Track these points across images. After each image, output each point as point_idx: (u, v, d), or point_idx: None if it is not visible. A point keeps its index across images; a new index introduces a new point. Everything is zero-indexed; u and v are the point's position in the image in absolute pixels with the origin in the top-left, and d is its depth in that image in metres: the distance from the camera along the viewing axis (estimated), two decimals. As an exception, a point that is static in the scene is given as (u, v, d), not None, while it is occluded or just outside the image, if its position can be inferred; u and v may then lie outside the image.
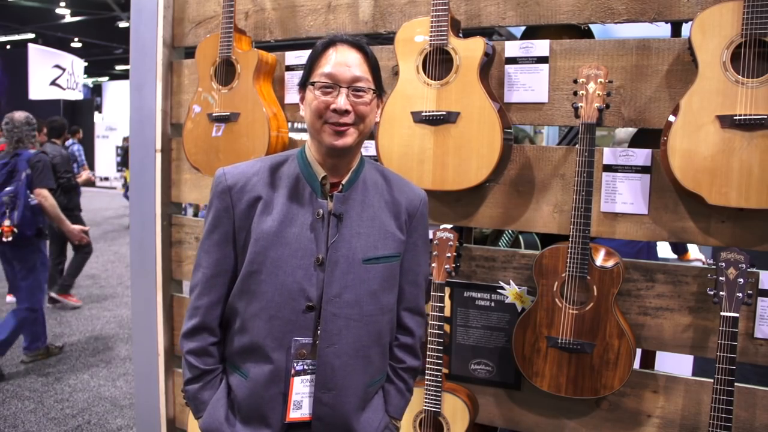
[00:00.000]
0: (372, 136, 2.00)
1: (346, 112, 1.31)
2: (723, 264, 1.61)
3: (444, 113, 1.85)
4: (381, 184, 1.45)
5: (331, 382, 1.36)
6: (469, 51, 1.84)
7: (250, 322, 1.36)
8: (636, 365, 1.86)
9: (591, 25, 2.05)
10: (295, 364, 1.35)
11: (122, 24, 16.52)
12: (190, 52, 2.52)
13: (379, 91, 1.39)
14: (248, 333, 1.36)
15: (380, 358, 1.46)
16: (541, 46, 1.90)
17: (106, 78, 25.30)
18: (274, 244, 1.33)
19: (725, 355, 1.57)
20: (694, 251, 3.58)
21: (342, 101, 1.31)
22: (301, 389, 1.36)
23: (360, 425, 1.41)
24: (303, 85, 1.38)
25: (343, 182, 1.39)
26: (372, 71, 1.37)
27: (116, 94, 20.12)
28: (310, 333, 1.35)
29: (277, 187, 1.38)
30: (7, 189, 4.19)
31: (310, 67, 1.37)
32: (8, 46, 21.06)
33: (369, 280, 1.38)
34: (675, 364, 2.49)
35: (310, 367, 1.36)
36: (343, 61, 1.32)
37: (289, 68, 2.30)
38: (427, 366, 1.93)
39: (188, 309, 1.42)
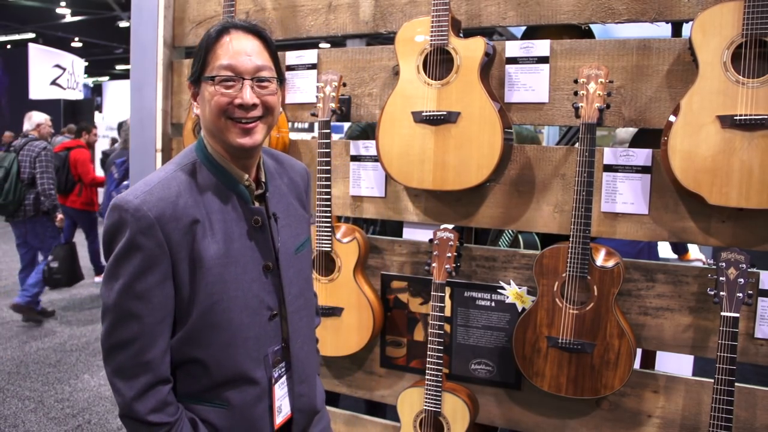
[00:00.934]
0: (373, 136, 2.00)
1: (253, 107, 1.20)
2: (723, 264, 1.61)
3: (444, 113, 1.85)
4: (277, 168, 1.40)
5: (304, 374, 1.38)
6: (469, 51, 1.84)
7: (223, 354, 1.24)
8: (636, 365, 1.86)
9: (591, 25, 2.05)
10: (274, 374, 1.32)
11: (123, 24, 16.52)
12: (190, 52, 2.51)
13: (282, 79, 1.27)
14: (221, 366, 1.24)
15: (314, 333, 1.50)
16: (541, 46, 1.90)
17: (107, 78, 25.30)
18: (226, 266, 1.22)
19: (726, 355, 1.57)
20: (694, 251, 3.57)
21: (248, 95, 1.18)
22: (280, 394, 1.34)
23: (319, 403, 1.47)
24: (196, 80, 1.23)
25: (263, 180, 1.32)
26: (272, 58, 1.25)
27: (116, 93, 20.09)
28: (279, 339, 1.33)
29: (205, 203, 1.22)
30: (125, 183, 4.68)
31: (203, 60, 1.21)
32: (8, 46, 21.07)
33: (303, 268, 1.39)
34: (675, 364, 2.49)
35: (283, 368, 1.35)
36: (242, 50, 1.19)
37: (289, 68, 2.30)
38: (427, 366, 1.93)
39: (124, 368, 1.18)
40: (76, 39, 19.08)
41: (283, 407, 1.35)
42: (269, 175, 1.35)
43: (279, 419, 1.33)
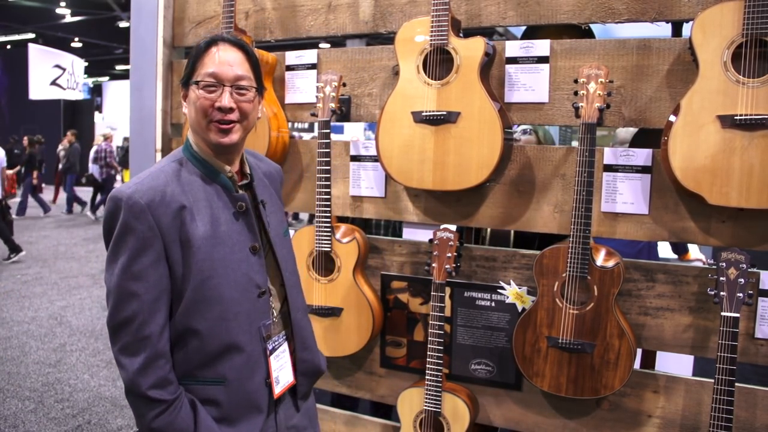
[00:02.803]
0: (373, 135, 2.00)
1: (230, 110, 1.35)
2: (723, 264, 1.61)
3: (444, 113, 1.85)
4: (258, 164, 1.57)
5: (306, 342, 1.54)
6: (469, 51, 1.83)
7: (217, 327, 1.35)
8: (636, 365, 1.85)
9: (591, 25, 2.05)
10: (268, 346, 1.44)
11: (122, 24, 16.52)
12: (190, 52, 2.52)
13: (260, 89, 1.43)
14: (216, 337, 1.35)
15: None
16: (541, 46, 1.90)
17: (107, 78, 25.31)
18: (215, 246, 1.35)
19: (726, 355, 1.57)
20: (694, 251, 3.57)
21: (226, 99, 1.34)
22: (276, 365, 1.45)
23: (323, 364, 1.62)
24: (186, 84, 1.39)
25: (248, 171, 1.47)
26: (253, 70, 1.40)
27: (116, 93, 20.11)
28: (268, 314, 1.45)
29: (191, 192, 1.36)
30: None
31: (192, 67, 1.37)
32: (8, 46, 21.07)
33: (291, 250, 1.58)
34: (675, 364, 2.49)
35: (280, 340, 1.48)
36: (226, 61, 1.35)
37: (289, 68, 2.30)
38: (427, 366, 1.93)
39: (127, 345, 1.29)
40: (76, 39, 19.09)
41: (281, 377, 1.47)
42: (252, 168, 1.51)
43: (278, 390, 1.46)
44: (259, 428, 1.41)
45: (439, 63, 1.88)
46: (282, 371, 1.47)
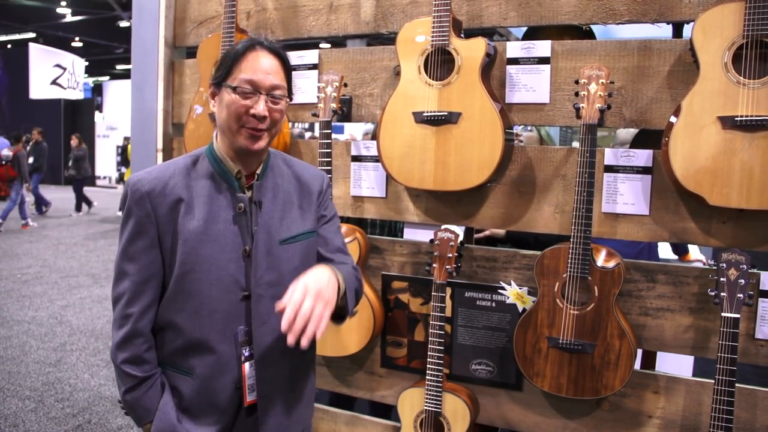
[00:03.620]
0: (374, 136, 2.00)
1: (264, 118, 1.36)
2: (724, 265, 1.61)
3: (445, 113, 1.85)
4: (287, 171, 1.54)
5: (268, 358, 1.44)
6: (470, 51, 1.84)
7: (191, 320, 1.39)
8: (637, 366, 1.86)
9: (592, 26, 2.05)
10: (244, 351, 1.42)
11: (123, 23, 16.53)
12: (191, 52, 2.52)
13: (291, 96, 1.45)
14: (189, 331, 1.39)
15: None
16: (542, 47, 1.90)
17: (107, 77, 25.31)
18: (203, 242, 1.37)
19: (726, 355, 1.57)
20: (694, 252, 3.57)
21: (261, 107, 1.35)
22: (251, 374, 1.44)
23: (295, 401, 1.53)
24: (219, 84, 1.39)
25: (257, 172, 1.45)
26: (287, 78, 1.42)
27: (117, 93, 20.11)
28: (251, 320, 1.43)
29: (195, 187, 1.40)
30: None
31: (229, 69, 1.37)
32: (9, 46, 21.07)
33: (290, 259, 1.46)
34: (676, 364, 2.49)
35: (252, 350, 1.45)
36: (264, 68, 1.36)
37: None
38: (428, 366, 1.94)
39: (116, 319, 1.40)
40: (77, 39, 19.09)
41: (256, 387, 1.45)
42: (270, 173, 1.48)
43: (250, 397, 1.44)
44: (218, 429, 1.42)
45: (440, 63, 1.88)
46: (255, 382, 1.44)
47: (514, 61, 1.93)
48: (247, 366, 1.43)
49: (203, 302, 1.38)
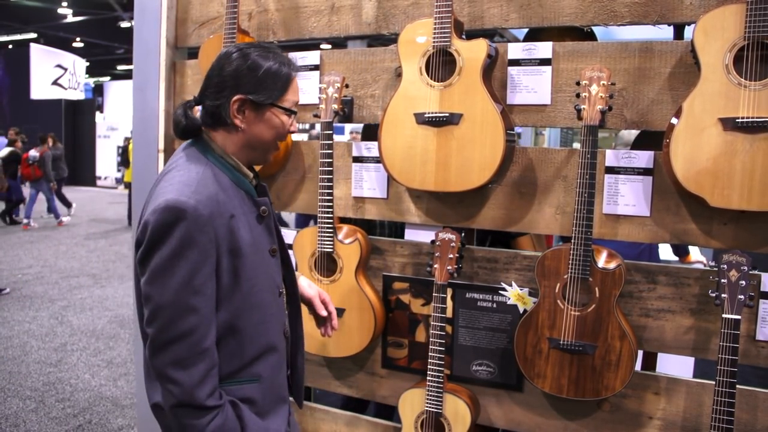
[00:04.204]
0: (375, 137, 2.01)
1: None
2: (725, 266, 1.61)
3: (447, 115, 1.85)
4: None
5: (295, 343, 1.61)
6: (472, 53, 1.84)
7: (257, 329, 1.41)
8: (637, 367, 1.86)
9: (594, 28, 2.05)
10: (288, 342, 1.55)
11: (124, 24, 16.53)
12: (193, 53, 2.52)
13: None
14: (257, 340, 1.41)
15: None
16: (543, 48, 1.90)
17: (108, 78, 25.33)
18: (255, 253, 1.39)
19: (727, 357, 1.57)
20: (695, 253, 3.57)
21: (295, 124, 1.49)
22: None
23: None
24: (263, 104, 1.38)
25: (253, 175, 1.50)
26: None
27: (118, 94, 20.12)
28: (285, 312, 1.55)
29: (231, 198, 1.37)
30: None
31: (280, 92, 1.39)
32: (10, 46, 21.09)
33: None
34: (676, 366, 2.49)
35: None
36: (299, 89, 1.47)
37: (292, 69, 2.30)
38: (428, 367, 1.94)
39: (181, 359, 1.26)
40: (78, 39, 19.10)
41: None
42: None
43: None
44: (287, 417, 1.51)
45: (441, 65, 1.88)
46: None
47: (516, 62, 1.94)
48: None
49: (266, 310, 1.42)
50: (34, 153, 10.59)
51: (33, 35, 18.77)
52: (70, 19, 16.76)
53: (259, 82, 1.37)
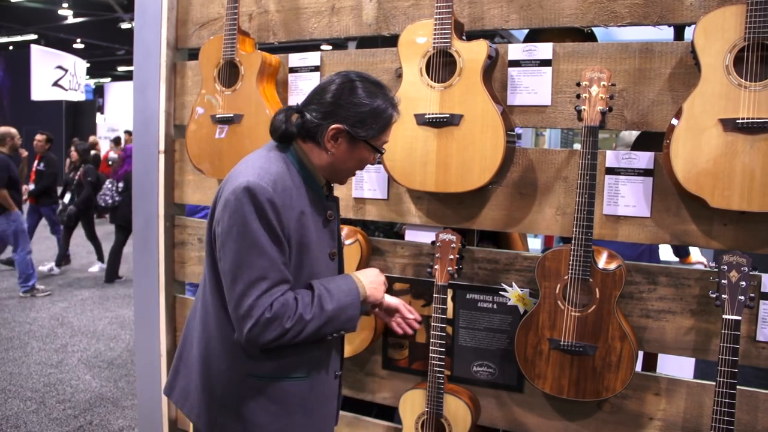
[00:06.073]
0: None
1: None
2: (725, 267, 1.61)
3: (447, 116, 1.86)
4: None
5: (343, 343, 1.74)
6: (472, 54, 1.84)
7: None
8: (638, 368, 1.86)
9: (594, 29, 2.05)
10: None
11: (124, 25, 16.54)
12: (193, 54, 2.53)
13: None
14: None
15: None
16: (544, 49, 1.90)
17: (108, 79, 25.33)
18: (317, 250, 1.51)
19: (727, 358, 1.57)
20: (695, 254, 3.57)
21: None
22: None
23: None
24: (359, 139, 1.47)
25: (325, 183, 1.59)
26: None
27: (118, 95, 20.12)
28: None
29: (301, 195, 1.48)
30: None
31: (378, 132, 1.48)
32: (11, 47, 21.10)
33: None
34: (677, 366, 2.49)
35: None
36: None
37: (292, 70, 2.30)
38: (429, 367, 1.94)
39: (244, 298, 1.39)
40: (78, 40, 19.10)
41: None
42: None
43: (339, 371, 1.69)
44: (333, 414, 1.65)
45: (441, 66, 1.88)
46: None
47: (516, 63, 1.94)
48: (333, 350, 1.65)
49: None
50: (113, 155, 10.73)
51: (33, 36, 18.77)
52: (71, 20, 16.76)
53: (362, 118, 1.45)
